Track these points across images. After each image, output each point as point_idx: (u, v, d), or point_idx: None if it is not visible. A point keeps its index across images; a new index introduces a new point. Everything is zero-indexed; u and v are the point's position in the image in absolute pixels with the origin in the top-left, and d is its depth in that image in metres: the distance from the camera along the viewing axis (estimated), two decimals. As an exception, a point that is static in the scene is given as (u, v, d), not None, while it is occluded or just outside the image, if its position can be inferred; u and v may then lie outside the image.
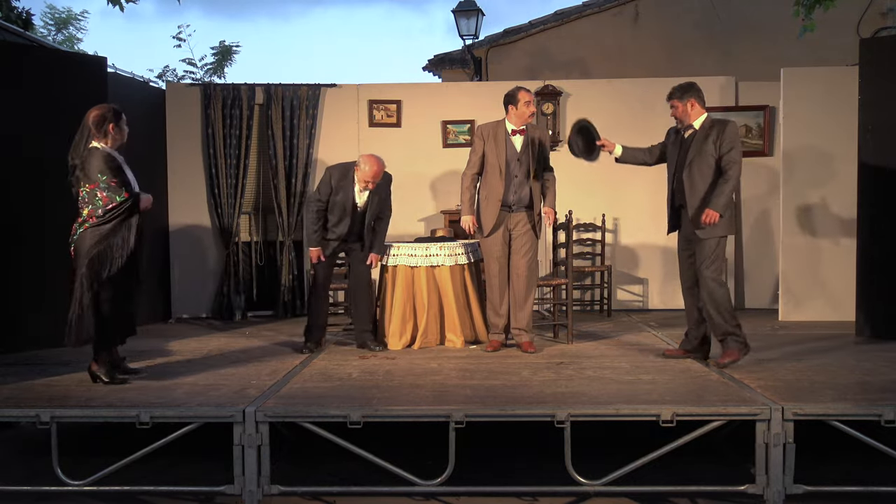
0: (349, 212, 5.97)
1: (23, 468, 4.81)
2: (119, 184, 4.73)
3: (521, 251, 5.86)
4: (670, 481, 4.38)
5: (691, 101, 5.29)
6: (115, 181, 4.71)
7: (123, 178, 4.76)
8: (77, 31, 18.83)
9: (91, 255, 4.67)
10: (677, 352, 5.58)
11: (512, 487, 4.44)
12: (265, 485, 4.12)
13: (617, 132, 8.31)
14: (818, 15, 7.74)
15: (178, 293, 8.27)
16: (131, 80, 8.19)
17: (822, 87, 7.41)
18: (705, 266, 5.17)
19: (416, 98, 8.51)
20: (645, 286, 8.50)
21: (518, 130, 5.83)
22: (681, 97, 5.32)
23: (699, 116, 5.31)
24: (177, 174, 8.23)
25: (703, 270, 5.18)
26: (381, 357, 5.77)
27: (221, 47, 16.94)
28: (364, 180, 5.89)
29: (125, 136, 4.91)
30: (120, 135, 4.86)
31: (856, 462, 4.62)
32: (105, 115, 4.80)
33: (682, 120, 5.35)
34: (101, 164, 4.71)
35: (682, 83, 5.40)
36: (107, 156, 4.76)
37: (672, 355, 5.55)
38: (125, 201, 4.72)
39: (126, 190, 4.75)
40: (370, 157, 5.87)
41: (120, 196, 4.71)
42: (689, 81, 5.43)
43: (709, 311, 5.18)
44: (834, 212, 7.37)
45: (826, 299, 7.42)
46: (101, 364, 4.86)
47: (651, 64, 10.13)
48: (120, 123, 4.85)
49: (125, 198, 4.72)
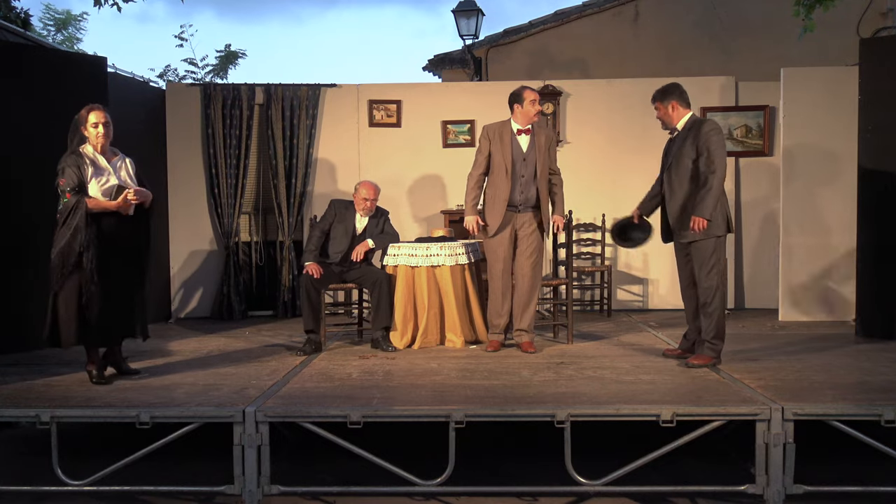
0: (349, 234, 6.35)
1: (23, 468, 4.81)
2: (67, 183, 4.70)
3: (527, 252, 5.85)
4: (670, 481, 4.38)
5: (672, 102, 5.22)
6: (62, 181, 4.71)
7: (73, 179, 4.70)
8: (77, 32, 18.84)
9: (51, 256, 4.72)
10: (676, 351, 5.58)
11: (512, 487, 4.44)
12: (265, 485, 4.12)
13: (617, 132, 8.39)
14: (818, 15, 7.74)
15: (178, 293, 8.27)
16: (131, 80, 8.19)
17: (822, 87, 7.41)
18: (704, 273, 5.11)
19: (416, 98, 8.50)
20: (645, 286, 8.50)
21: (524, 130, 5.83)
22: (662, 99, 5.26)
23: (682, 118, 5.24)
24: (177, 174, 8.24)
25: (702, 278, 5.12)
26: (381, 357, 5.77)
27: (227, 51, 16.93)
28: (363, 199, 6.29)
29: (104, 131, 4.83)
30: (92, 132, 4.81)
31: (856, 462, 4.62)
32: (78, 118, 4.85)
33: (666, 122, 5.30)
34: (61, 165, 4.76)
35: (663, 85, 5.32)
36: (68, 157, 4.78)
37: (671, 355, 5.55)
38: (67, 202, 4.71)
39: (70, 191, 4.70)
40: (364, 181, 6.46)
41: (64, 197, 4.72)
42: (672, 83, 5.34)
43: (703, 313, 5.18)
44: (834, 212, 7.37)
45: (826, 299, 7.43)
46: (91, 364, 4.90)
47: (651, 64, 10.13)
48: (86, 121, 4.80)
49: (67, 199, 4.71)
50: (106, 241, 4.77)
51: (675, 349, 5.63)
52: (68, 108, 5.30)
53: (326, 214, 6.42)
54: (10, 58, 6.07)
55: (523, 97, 5.78)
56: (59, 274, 4.70)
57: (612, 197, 8.37)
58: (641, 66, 10.10)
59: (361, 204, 6.31)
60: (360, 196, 6.31)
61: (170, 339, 6.68)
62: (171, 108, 8.25)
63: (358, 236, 6.35)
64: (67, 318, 4.74)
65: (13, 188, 5.92)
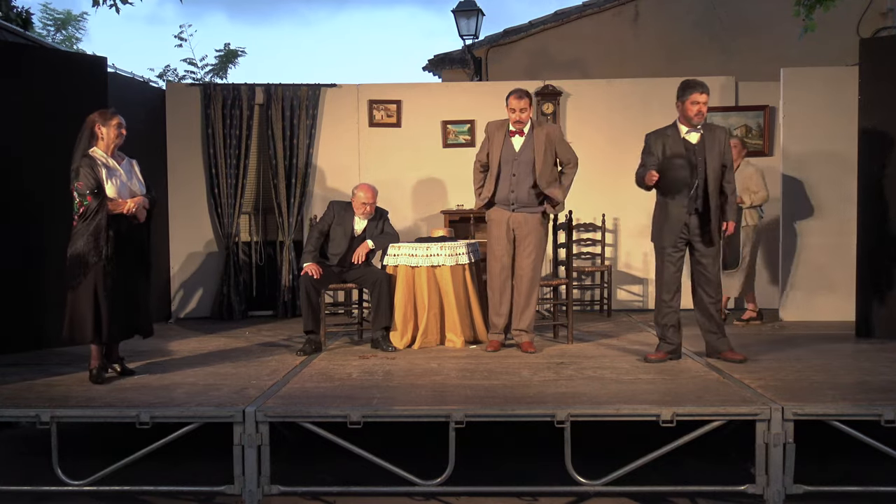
0: (348, 237, 6.35)
1: (23, 468, 4.81)
2: (85, 186, 4.76)
3: (526, 252, 5.85)
4: (670, 481, 4.38)
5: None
6: (80, 184, 4.77)
7: (91, 182, 4.77)
8: (76, 31, 18.84)
9: (67, 255, 4.79)
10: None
11: (512, 487, 4.44)
12: (265, 485, 4.12)
13: (617, 132, 8.38)
14: (818, 15, 7.74)
15: (178, 293, 8.27)
16: (131, 80, 8.19)
17: (822, 87, 7.40)
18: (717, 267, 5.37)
19: (416, 98, 8.50)
20: (645, 286, 8.49)
21: (516, 131, 5.83)
22: (708, 92, 5.32)
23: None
24: (177, 174, 8.23)
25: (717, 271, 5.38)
26: (381, 357, 5.77)
27: (226, 50, 16.93)
28: (361, 203, 6.29)
29: (117, 133, 4.92)
30: (110, 134, 4.89)
31: (856, 462, 4.62)
32: (92, 119, 4.90)
33: (702, 118, 5.31)
34: (76, 167, 4.81)
35: (697, 79, 5.36)
36: (84, 158, 4.83)
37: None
38: (89, 205, 4.77)
39: (91, 194, 4.77)
40: (361, 184, 6.46)
41: (85, 200, 4.77)
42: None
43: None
44: (834, 211, 7.36)
45: (826, 299, 7.42)
46: (95, 361, 4.94)
47: (651, 64, 10.13)
48: (108, 123, 4.89)
49: (88, 202, 4.77)
50: (118, 241, 4.88)
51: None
52: (68, 108, 5.32)
53: (325, 216, 6.43)
54: (10, 58, 6.07)
55: (507, 103, 5.82)
56: (76, 272, 4.79)
57: (612, 197, 8.37)
58: (641, 66, 10.11)
59: (360, 208, 6.31)
60: (359, 200, 6.30)
61: (170, 339, 6.68)
62: (171, 108, 8.25)
63: (357, 238, 6.35)
64: (84, 315, 4.81)
65: (13, 188, 5.92)
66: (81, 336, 4.86)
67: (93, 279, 4.79)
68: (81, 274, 4.78)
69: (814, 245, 7.47)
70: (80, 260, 4.77)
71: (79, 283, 4.79)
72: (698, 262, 5.38)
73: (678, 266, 5.41)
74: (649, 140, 5.42)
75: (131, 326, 5.08)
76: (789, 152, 7.52)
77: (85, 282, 4.78)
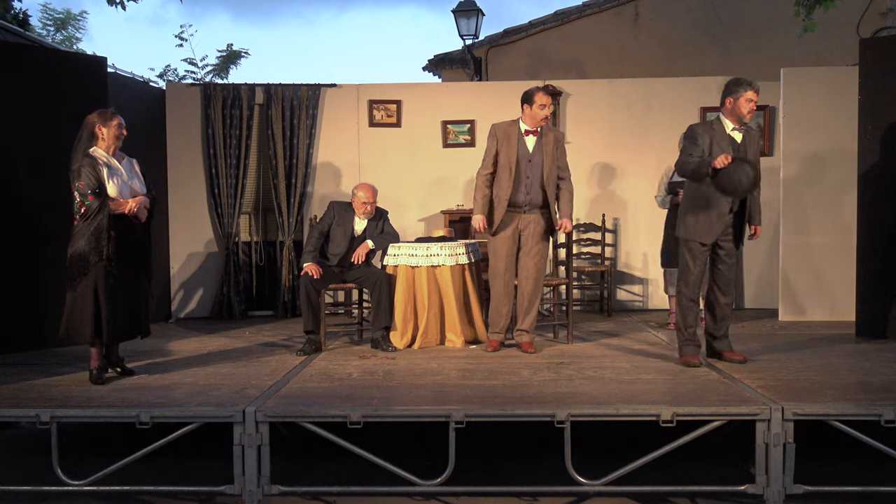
0: (348, 237, 6.34)
1: (23, 468, 4.81)
2: (87, 186, 4.76)
3: (531, 252, 5.84)
4: (670, 481, 4.38)
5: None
6: (82, 183, 4.77)
7: (92, 181, 4.77)
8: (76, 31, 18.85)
9: (68, 255, 4.79)
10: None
11: (512, 487, 4.44)
12: (265, 485, 4.12)
13: (617, 132, 8.39)
14: (818, 15, 7.75)
15: (178, 293, 8.27)
16: (131, 80, 8.19)
17: (822, 87, 7.41)
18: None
19: (416, 98, 8.51)
20: (645, 286, 8.50)
21: (531, 131, 5.82)
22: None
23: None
24: (177, 174, 8.23)
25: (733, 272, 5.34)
26: (381, 357, 5.77)
27: (229, 51, 16.93)
28: (361, 203, 6.28)
29: (117, 134, 4.92)
30: (110, 134, 4.89)
31: (856, 462, 4.62)
32: (92, 120, 4.90)
33: (752, 117, 5.23)
34: (76, 166, 4.80)
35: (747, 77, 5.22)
36: (85, 157, 4.83)
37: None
38: (90, 205, 4.77)
39: (92, 193, 4.76)
40: (361, 184, 6.45)
41: (86, 199, 4.77)
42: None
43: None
44: (834, 211, 7.37)
45: (826, 299, 7.43)
46: (95, 361, 4.93)
47: (651, 64, 10.14)
48: (108, 123, 4.89)
49: (90, 201, 4.77)
50: (119, 241, 4.87)
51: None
52: (68, 108, 5.32)
53: (325, 216, 6.42)
54: (9, 57, 6.07)
55: (534, 99, 5.73)
56: (77, 272, 4.79)
57: (612, 197, 8.38)
58: (641, 66, 10.12)
59: (361, 208, 6.31)
60: (360, 201, 6.30)
61: (170, 339, 6.68)
62: (171, 108, 8.25)
63: (357, 238, 6.35)
64: (84, 315, 4.81)
65: (13, 187, 5.92)
66: (81, 336, 4.85)
67: (93, 279, 4.78)
68: (82, 274, 4.78)
69: (814, 245, 7.47)
70: (81, 260, 4.77)
71: (79, 283, 4.79)
72: (722, 261, 5.25)
73: (706, 264, 5.28)
74: (696, 130, 5.16)
75: (131, 328, 5.07)
76: (789, 152, 7.52)
77: (86, 282, 4.78)
